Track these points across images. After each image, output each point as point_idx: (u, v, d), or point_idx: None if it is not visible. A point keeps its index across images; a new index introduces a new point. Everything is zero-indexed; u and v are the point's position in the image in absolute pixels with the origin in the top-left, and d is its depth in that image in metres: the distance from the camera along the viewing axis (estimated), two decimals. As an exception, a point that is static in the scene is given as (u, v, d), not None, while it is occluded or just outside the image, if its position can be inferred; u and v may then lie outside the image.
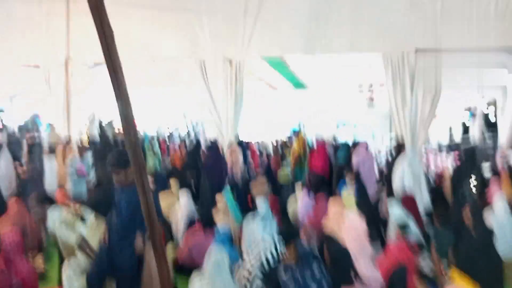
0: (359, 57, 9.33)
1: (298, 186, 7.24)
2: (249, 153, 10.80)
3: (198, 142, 10.62)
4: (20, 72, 11.00)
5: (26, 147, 6.55)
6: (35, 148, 6.37)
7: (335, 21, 7.39)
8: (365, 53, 8.50)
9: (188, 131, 19.95)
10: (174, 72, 11.48)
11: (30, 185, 6.06)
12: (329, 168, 8.84)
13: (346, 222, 4.56)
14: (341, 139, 12.62)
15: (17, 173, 6.35)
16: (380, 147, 16.69)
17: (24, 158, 7.14)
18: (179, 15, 8.02)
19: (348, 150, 9.09)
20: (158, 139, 14.29)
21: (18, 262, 3.95)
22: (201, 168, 8.34)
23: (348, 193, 6.67)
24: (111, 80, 1.94)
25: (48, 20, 8.50)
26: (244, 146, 9.91)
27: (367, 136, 18.17)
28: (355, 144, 8.26)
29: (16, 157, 6.04)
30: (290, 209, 6.93)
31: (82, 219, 4.64)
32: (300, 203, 6.58)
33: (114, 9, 1.91)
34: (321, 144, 9.51)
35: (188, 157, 8.82)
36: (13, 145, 6.51)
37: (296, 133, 18.75)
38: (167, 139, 17.08)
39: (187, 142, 14.17)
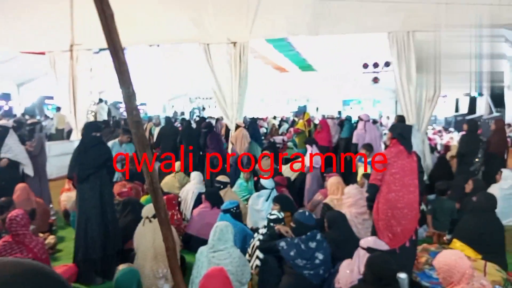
0: (364, 36, 9.27)
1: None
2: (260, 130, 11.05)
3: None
4: (26, 59, 11.10)
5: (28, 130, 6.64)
6: (36, 131, 6.48)
7: (339, 2, 7.30)
8: (370, 33, 8.45)
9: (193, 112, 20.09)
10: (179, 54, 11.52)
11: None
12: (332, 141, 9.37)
13: (345, 192, 4.72)
14: (346, 115, 12.80)
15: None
16: (386, 124, 16.74)
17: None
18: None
19: (351, 124, 9.36)
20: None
21: (28, 240, 4.08)
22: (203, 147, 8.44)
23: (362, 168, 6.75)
24: (112, 59, 2.01)
25: (52, 7, 8.50)
26: (255, 125, 10.03)
27: (374, 114, 18.26)
28: (360, 119, 8.33)
29: (22, 140, 6.17)
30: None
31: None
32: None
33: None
34: (324, 120, 9.99)
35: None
36: (19, 128, 6.61)
37: (302, 111, 18.90)
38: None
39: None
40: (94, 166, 4.14)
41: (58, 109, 12.68)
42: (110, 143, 6.40)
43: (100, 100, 14.61)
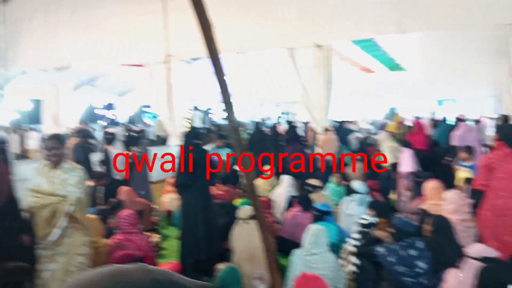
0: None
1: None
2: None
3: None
4: (127, 71, 12.11)
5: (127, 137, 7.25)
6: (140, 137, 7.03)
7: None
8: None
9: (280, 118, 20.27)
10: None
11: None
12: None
13: (445, 197, 4.42)
14: (441, 116, 12.01)
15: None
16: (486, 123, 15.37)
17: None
18: (265, 3, 8.13)
19: (447, 124, 8.77)
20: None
21: (137, 238, 4.43)
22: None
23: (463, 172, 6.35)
24: (212, 68, 2.11)
25: (147, 22, 9.17)
26: (344, 129, 9.88)
27: (471, 113, 16.90)
28: (458, 120, 7.78)
29: (129, 146, 6.74)
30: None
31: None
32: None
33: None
34: (419, 122, 9.54)
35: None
36: (125, 136, 7.23)
37: (392, 112, 18.12)
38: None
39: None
40: (197, 172, 4.36)
41: (157, 117, 13.64)
42: (206, 148, 6.72)
43: (195, 108, 15.39)
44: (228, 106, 2.15)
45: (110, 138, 6.48)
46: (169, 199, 6.73)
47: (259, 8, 8.16)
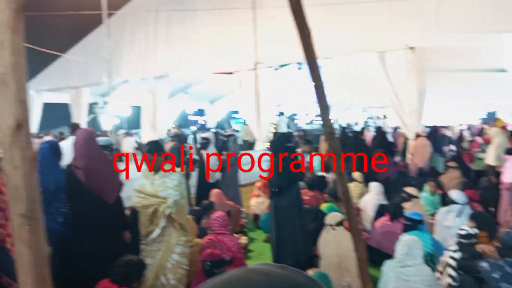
0: None
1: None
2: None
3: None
4: (217, 79, 12.65)
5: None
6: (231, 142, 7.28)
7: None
8: None
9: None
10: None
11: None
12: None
13: None
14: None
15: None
16: None
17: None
18: (356, 6, 7.99)
19: None
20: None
21: (227, 240, 4.59)
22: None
23: None
24: (310, 73, 2.14)
25: (237, 32, 9.52)
26: (436, 134, 9.31)
27: None
28: None
29: (219, 150, 7.05)
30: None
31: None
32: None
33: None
34: None
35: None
36: (217, 140, 7.57)
37: (492, 117, 16.65)
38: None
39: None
40: (289, 176, 4.43)
41: (244, 122, 14.06)
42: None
43: (281, 113, 15.60)
44: (325, 111, 2.18)
45: (205, 143, 6.83)
46: (255, 203, 6.89)
47: (349, 13, 8.06)
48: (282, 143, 4.54)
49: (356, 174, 7.03)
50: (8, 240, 3.44)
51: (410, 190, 5.62)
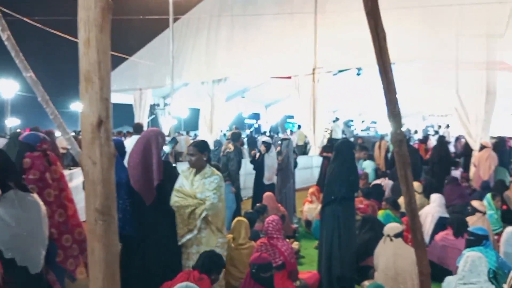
0: None
1: None
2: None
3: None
4: (275, 83, 12.71)
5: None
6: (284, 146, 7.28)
7: None
8: None
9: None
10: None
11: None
12: None
13: None
14: None
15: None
16: None
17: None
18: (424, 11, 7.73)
19: None
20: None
21: (280, 244, 4.58)
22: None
23: None
24: (381, 79, 2.09)
25: (296, 35, 9.51)
26: (503, 145, 8.77)
27: None
28: None
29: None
30: None
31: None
32: None
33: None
34: None
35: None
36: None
37: None
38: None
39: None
40: (347, 183, 4.30)
41: (299, 127, 13.99)
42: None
43: (336, 119, 15.40)
44: (395, 117, 2.11)
45: (266, 147, 6.92)
46: (308, 209, 6.85)
47: (418, 18, 7.83)
48: (345, 150, 4.45)
49: (416, 184, 6.77)
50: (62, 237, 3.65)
51: (476, 204, 5.32)
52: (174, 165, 4.68)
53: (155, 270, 3.57)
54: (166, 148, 4.18)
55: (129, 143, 5.26)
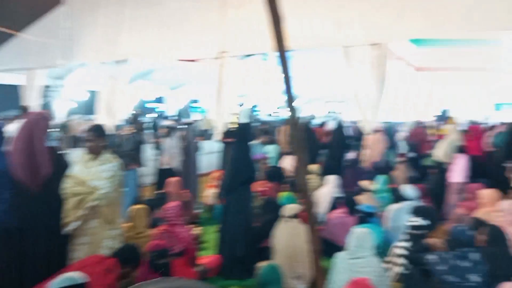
0: None
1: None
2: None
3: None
4: (180, 66, 12.35)
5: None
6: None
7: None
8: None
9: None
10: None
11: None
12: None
13: (503, 208, 4.21)
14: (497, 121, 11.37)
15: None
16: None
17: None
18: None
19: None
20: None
21: (180, 231, 4.52)
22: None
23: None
24: (279, 63, 2.11)
25: (204, 16, 9.30)
26: (391, 131, 9.60)
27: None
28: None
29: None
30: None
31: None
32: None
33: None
34: (477, 126, 9.16)
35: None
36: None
37: (445, 115, 17.38)
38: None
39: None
40: (249, 167, 4.36)
41: (205, 111, 13.88)
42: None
43: (241, 104, 15.52)
44: (291, 102, 2.17)
45: (169, 131, 6.75)
46: (211, 194, 6.87)
47: (317, 6, 8.09)
48: (243, 134, 4.51)
49: (314, 167, 7.13)
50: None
51: (364, 183, 5.76)
52: (65, 151, 4.34)
53: (36, 262, 3.29)
54: (55, 133, 3.86)
55: (14, 128, 4.77)
